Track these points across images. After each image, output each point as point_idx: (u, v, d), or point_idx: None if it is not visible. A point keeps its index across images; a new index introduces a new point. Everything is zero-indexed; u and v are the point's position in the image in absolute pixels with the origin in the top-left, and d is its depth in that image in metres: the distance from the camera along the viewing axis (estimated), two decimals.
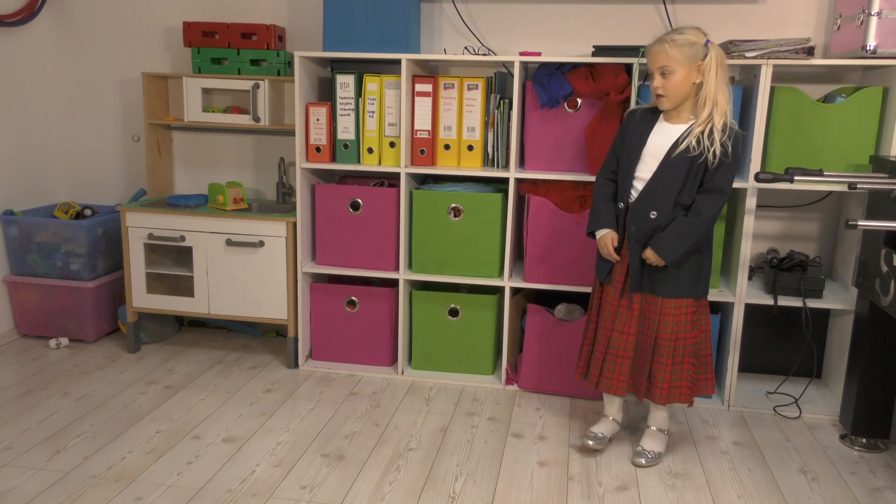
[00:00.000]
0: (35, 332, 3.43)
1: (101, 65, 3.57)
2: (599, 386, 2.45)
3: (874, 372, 2.55)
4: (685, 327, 2.33)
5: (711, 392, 2.44)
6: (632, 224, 2.33)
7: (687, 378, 2.36)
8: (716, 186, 2.24)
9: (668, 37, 2.22)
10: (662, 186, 2.27)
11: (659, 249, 2.26)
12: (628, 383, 2.41)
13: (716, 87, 2.21)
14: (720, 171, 2.23)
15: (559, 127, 2.83)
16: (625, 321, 2.38)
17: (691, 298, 2.33)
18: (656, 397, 2.36)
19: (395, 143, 2.96)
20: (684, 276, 2.31)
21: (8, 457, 2.37)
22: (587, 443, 2.47)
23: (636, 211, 2.32)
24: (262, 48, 3.18)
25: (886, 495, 2.29)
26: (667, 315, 2.32)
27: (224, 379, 3.04)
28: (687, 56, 2.20)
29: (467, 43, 3.20)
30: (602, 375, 2.44)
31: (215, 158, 3.55)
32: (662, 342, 2.33)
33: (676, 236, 2.25)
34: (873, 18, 2.52)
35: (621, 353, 2.39)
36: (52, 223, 3.30)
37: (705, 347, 2.40)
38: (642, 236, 2.31)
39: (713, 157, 2.20)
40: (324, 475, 2.31)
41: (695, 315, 2.35)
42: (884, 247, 2.35)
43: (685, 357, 2.35)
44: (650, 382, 2.37)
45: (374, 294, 3.09)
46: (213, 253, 3.12)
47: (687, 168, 2.24)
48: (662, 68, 2.23)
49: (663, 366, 2.33)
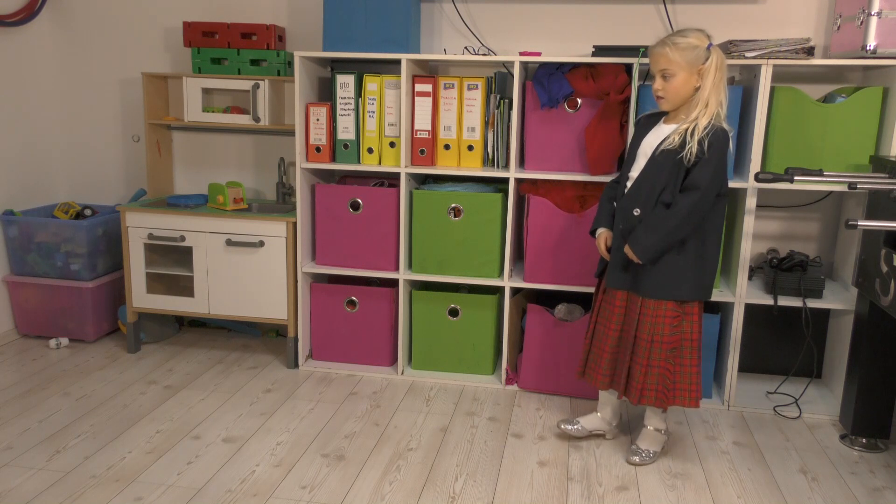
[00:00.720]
0: (35, 332, 3.43)
1: (101, 65, 3.57)
2: (584, 376, 2.50)
3: (874, 372, 2.55)
4: (663, 330, 2.30)
5: (694, 405, 2.36)
6: (619, 221, 2.36)
7: (661, 382, 2.34)
8: (691, 183, 2.22)
9: (671, 39, 2.22)
10: (646, 184, 2.28)
11: (631, 243, 2.28)
12: (608, 377, 2.43)
13: (710, 91, 2.21)
14: (697, 168, 2.21)
15: (559, 127, 2.83)
16: (607, 315, 2.41)
17: (672, 301, 2.30)
18: (632, 396, 2.37)
19: (395, 143, 2.96)
20: (664, 276, 2.28)
21: (8, 457, 2.37)
22: (565, 427, 2.52)
23: (622, 208, 2.35)
24: (262, 48, 3.18)
25: (886, 495, 2.29)
26: (645, 315, 2.32)
27: (224, 379, 3.04)
28: (688, 60, 2.19)
29: (467, 43, 3.20)
30: (587, 366, 2.49)
31: (215, 158, 3.55)
32: (639, 342, 2.33)
33: (646, 230, 2.25)
34: (873, 18, 2.52)
35: (601, 345, 2.43)
36: (52, 223, 3.30)
37: (690, 356, 2.34)
38: (626, 233, 2.32)
39: (689, 154, 2.19)
40: (324, 475, 2.31)
41: (676, 319, 2.31)
42: (884, 247, 2.35)
43: (661, 361, 2.32)
44: (628, 381, 2.39)
45: (374, 294, 3.09)
46: (213, 253, 3.12)
47: (670, 165, 2.24)
48: (663, 71, 2.23)
49: (638, 366, 2.34)
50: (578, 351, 2.87)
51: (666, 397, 2.36)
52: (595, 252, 2.53)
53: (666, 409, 2.44)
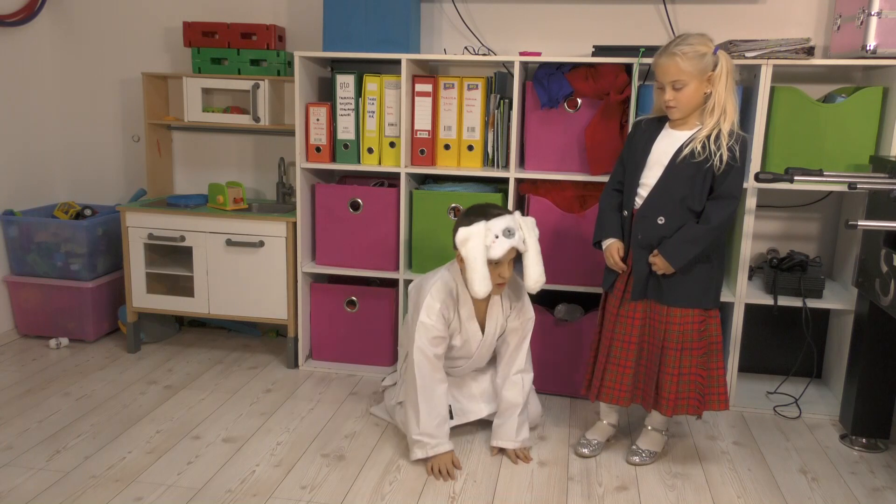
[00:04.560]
0: (35, 332, 3.43)
1: (101, 65, 3.57)
2: (600, 397, 2.41)
3: (874, 372, 2.55)
4: (692, 337, 2.28)
5: (724, 408, 2.34)
6: (638, 231, 2.29)
7: (695, 390, 2.31)
8: (726, 192, 2.21)
9: (678, 49, 2.16)
10: (669, 192, 2.23)
11: (667, 255, 2.22)
12: (630, 393, 2.37)
13: (725, 96, 2.18)
14: (729, 176, 2.20)
15: (559, 127, 2.83)
16: (625, 330, 2.35)
17: (699, 309, 2.29)
18: (663, 409, 2.32)
19: (395, 143, 2.97)
20: (692, 285, 2.26)
21: (8, 457, 2.37)
22: (582, 451, 2.47)
23: (642, 217, 2.28)
24: (262, 48, 3.19)
25: (886, 495, 2.29)
26: (672, 324, 2.28)
27: (224, 379, 3.04)
28: (698, 68, 2.16)
29: (467, 43, 3.20)
30: (603, 386, 2.40)
31: (215, 158, 3.55)
32: (668, 352, 2.29)
33: (685, 242, 2.21)
34: (873, 18, 2.52)
35: (622, 362, 2.35)
36: (52, 223, 3.30)
37: (717, 360, 2.33)
38: (648, 243, 2.27)
39: (720, 161, 2.17)
40: (324, 475, 2.31)
41: (703, 325, 2.29)
42: (884, 247, 2.35)
43: (692, 368, 2.29)
44: (657, 393, 2.33)
45: (374, 294, 3.09)
46: (213, 253, 3.12)
47: (693, 173, 2.20)
48: (674, 82, 2.19)
49: (670, 376, 2.29)
50: (578, 351, 2.87)
51: (700, 404, 2.33)
52: (595, 252, 2.50)
53: (700, 416, 2.40)
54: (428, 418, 2.36)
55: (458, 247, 2.30)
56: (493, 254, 2.27)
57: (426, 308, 2.38)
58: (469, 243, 2.26)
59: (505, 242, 2.28)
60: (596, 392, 2.42)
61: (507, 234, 2.29)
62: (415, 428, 2.37)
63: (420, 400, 2.36)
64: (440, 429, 2.38)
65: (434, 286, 2.42)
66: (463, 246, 2.27)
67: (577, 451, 2.48)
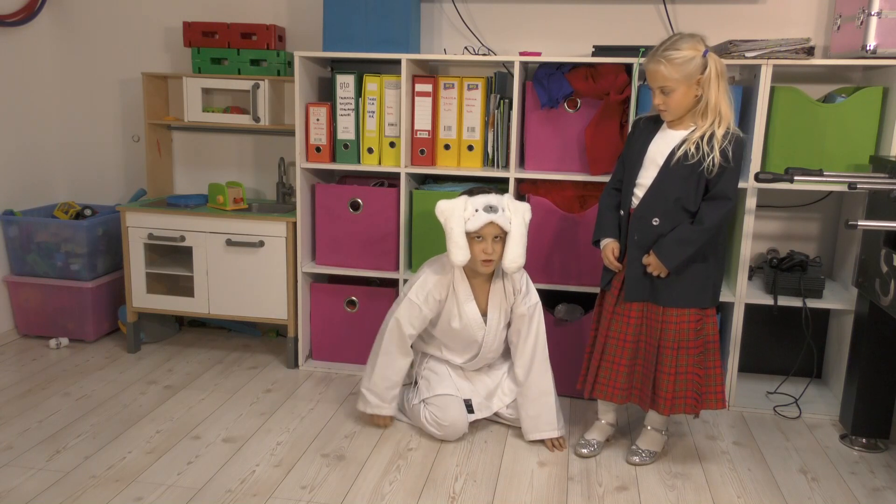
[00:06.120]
0: (35, 332, 3.43)
1: (101, 65, 3.57)
2: (594, 393, 2.42)
3: (874, 372, 2.55)
4: (688, 336, 2.28)
5: (721, 407, 2.35)
6: (634, 232, 2.30)
7: (692, 389, 2.31)
8: (720, 193, 2.21)
9: (665, 54, 2.16)
10: (664, 193, 2.24)
11: (661, 255, 2.23)
12: (625, 391, 2.37)
13: (717, 98, 2.18)
14: (723, 177, 2.19)
15: (559, 127, 2.83)
16: (620, 328, 2.35)
17: (695, 308, 2.29)
18: (661, 408, 2.32)
19: (395, 143, 2.97)
20: (687, 284, 2.27)
21: (8, 457, 2.37)
22: (581, 451, 2.47)
23: (638, 218, 2.29)
24: (262, 48, 3.19)
25: (886, 495, 2.29)
26: (668, 324, 2.28)
27: (224, 379, 3.04)
28: (685, 73, 2.15)
29: (467, 43, 3.20)
30: (597, 382, 2.41)
31: (215, 158, 3.55)
32: (665, 351, 2.29)
33: (678, 242, 2.21)
34: (873, 18, 2.52)
35: (616, 359, 2.36)
36: (52, 223, 3.30)
37: (713, 359, 2.33)
38: (644, 244, 2.28)
39: (713, 163, 2.17)
40: (324, 475, 2.31)
41: (699, 324, 2.30)
42: (884, 247, 2.35)
43: (689, 367, 2.30)
44: (654, 393, 2.34)
45: (374, 294, 3.09)
46: (213, 253, 3.12)
47: (687, 174, 2.20)
48: (661, 87, 2.19)
49: (666, 375, 2.29)
50: (578, 351, 2.87)
51: (697, 403, 2.33)
52: (594, 251, 2.51)
53: (698, 415, 2.40)
54: (380, 380, 2.57)
55: (437, 216, 2.41)
56: (470, 226, 2.38)
57: (419, 285, 2.53)
58: (446, 213, 2.40)
59: (483, 216, 2.37)
60: (590, 388, 2.44)
61: (487, 210, 2.38)
62: (366, 381, 2.61)
63: (379, 362, 2.57)
64: (388, 392, 2.59)
65: (433, 265, 2.57)
66: (441, 215, 2.40)
67: (577, 452, 2.48)
